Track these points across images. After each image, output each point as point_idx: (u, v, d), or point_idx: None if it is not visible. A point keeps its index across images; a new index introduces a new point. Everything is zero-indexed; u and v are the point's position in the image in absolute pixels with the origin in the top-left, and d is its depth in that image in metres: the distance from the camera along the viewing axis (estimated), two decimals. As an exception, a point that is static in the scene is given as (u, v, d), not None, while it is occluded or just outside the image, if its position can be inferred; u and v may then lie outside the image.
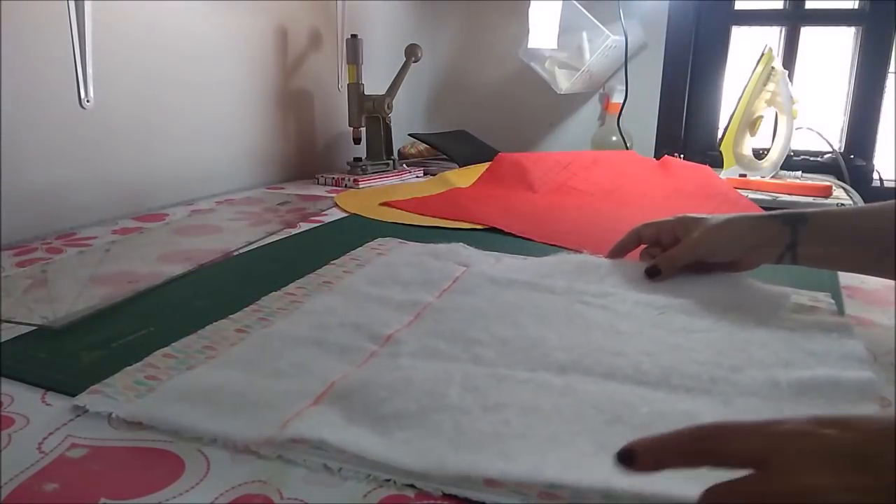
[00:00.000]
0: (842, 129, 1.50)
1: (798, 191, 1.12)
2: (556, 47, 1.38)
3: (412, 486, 0.32)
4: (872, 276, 0.57)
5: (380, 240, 0.78)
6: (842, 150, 1.48)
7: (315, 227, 0.87)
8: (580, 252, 0.67)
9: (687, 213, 0.62)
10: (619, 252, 0.66)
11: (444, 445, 0.34)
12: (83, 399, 0.38)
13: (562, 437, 0.35)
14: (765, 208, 0.97)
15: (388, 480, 0.32)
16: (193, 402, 0.38)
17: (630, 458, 0.27)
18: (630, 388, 0.41)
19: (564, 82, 1.48)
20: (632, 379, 0.42)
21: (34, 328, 0.50)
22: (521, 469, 0.31)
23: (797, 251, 0.54)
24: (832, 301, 0.58)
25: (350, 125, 1.27)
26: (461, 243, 0.71)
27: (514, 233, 0.84)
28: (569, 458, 0.33)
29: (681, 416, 0.37)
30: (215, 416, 0.37)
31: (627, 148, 1.46)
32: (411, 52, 1.28)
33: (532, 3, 1.36)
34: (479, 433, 0.35)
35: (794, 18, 1.49)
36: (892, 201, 0.52)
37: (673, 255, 0.60)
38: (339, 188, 1.19)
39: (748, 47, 1.51)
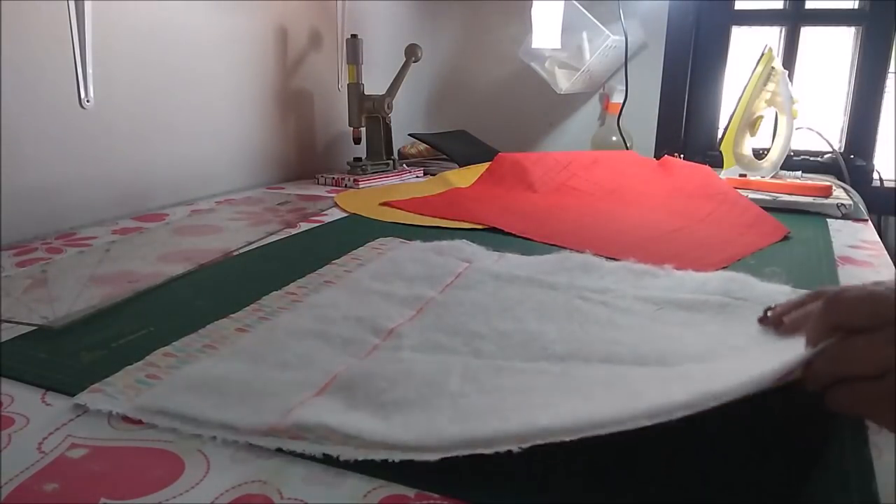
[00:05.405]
0: (842, 129, 1.50)
1: (798, 191, 1.11)
2: (559, 47, 1.38)
3: (411, 485, 0.32)
4: None
5: (381, 239, 0.78)
6: (842, 150, 1.48)
7: (315, 227, 0.87)
8: (583, 252, 0.67)
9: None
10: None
11: (441, 422, 0.35)
12: (83, 398, 0.39)
13: (555, 401, 0.36)
14: (765, 208, 0.98)
15: (386, 481, 0.32)
16: (198, 393, 0.38)
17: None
18: (626, 367, 0.41)
19: (564, 82, 1.48)
20: (628, 361, 0.43)
21: (34, 328, 0.50)
22: (514, 424, 0.32)
23: None
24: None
25: (350, 125, 1.27)
26: (464, 240, 0.72)
27: (514, 233, 0.84)
28: (561, 412, 0.33)
29: (676, 384, 0.37)
30: (220, 406, 0.37)
31: (627, 148, 1.46)
32: (411, 52, 1.28)
33: (535, 3, 1.36)
34: (476, 409, 0.36)
35: (794, 18, 1.49)
36: None
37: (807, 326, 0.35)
38: (339, 188, 1.19)
39: (748, 47, 1.51)
